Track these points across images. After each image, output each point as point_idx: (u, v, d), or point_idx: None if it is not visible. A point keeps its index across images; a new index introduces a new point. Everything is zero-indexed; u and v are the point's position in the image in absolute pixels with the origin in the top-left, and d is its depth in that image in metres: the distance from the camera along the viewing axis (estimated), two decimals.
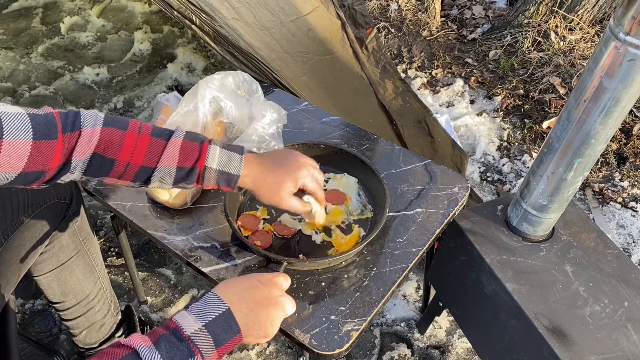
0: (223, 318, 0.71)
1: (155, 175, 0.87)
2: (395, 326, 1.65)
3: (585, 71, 0.91)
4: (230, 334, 0.71)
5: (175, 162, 0.87)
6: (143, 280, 1.75)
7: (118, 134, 0.84)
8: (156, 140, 0.86)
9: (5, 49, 2.83)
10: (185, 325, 0.68)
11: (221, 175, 0.89)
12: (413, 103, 2.02)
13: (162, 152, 0.86)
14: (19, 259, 1.07)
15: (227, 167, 0.89)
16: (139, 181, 0.88)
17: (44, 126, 0.77)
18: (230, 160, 0.90)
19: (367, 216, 1.16)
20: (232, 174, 0.90)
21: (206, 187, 0.92)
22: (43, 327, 1.62)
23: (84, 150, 0.81)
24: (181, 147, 0.87)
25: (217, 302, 0.72)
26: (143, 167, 0.86)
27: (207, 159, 0.88)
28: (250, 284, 0.79)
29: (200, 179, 0.89)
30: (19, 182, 0.77)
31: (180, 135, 0.88)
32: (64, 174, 0.82)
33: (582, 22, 2.69)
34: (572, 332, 1.01)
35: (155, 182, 0.88)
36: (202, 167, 0.88)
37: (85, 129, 0.81)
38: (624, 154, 2.22)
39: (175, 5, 1.45)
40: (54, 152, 0.78)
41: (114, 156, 0.83)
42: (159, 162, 0.86)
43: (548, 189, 1.07)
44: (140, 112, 2.46)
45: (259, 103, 1.21)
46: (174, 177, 0.88)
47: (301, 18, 1.78)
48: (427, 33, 2.87)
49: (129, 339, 0.66)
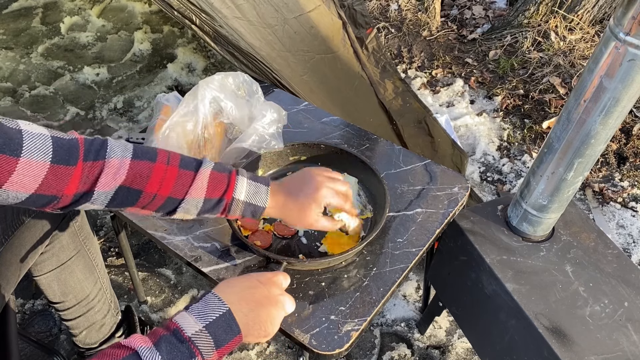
0: (224, 319, 0.71)
1: (181, 206, 0.85)
2: (395, 326, 1.65)
3: (585, 71, 0.91)
4: (230, 334, 0.71)
5: (204, 194, 0.85)
6: (143, 280, 1.75)
7: (146, 166, 0.81)
8: (184, 171, 0.85)
9: (5, 49, 2.83)
10: (186, 327, 0.68)
11: (248, 207, 0.88)
12: (413, 103, 2.02)
13: (191, 184, 0.84)
14: (19, 259, 1.07)
15: (254, 200, 0.89)
16: (163, 211, 0.86)
17: (66, 151, 0.74)
18: (258, 192, 0.89)
19: (367, 216, 1.16)
20: (259, 206, 0.89)
21: (230, 217, 0.91)
22: (43, 327, 1.62)
23: (109, 183, 0.79)
24: (209, 178, 0.85)
25: (218, 303, 0.72)
26: (170, 198, 0.84)
27: (235, 190, 0.87)
28: (250, 283, 0.79)
29: (226, 210, 0.88)
30: (30, 203, 0.75)
31: (209, 166, 0.87)
32: (84, 202, 0.79)
33: (582, 22, 2.69)
34: (572, 332, 1.01)
35: (180, 213, 0.87)
36: (229, 199, 0.87)
37: (110, 161, 0.78)
38: (624, 154, 2.22)
39: (175, 5, 1.45)
40: (70, 179, 0.75)
41: (141, 188, 0.81)
42: (187, 193, 0.84)
43: (548, 189, 1.07)
44: (140, 112, 2.46)
45: (259, 103, 1.21)
46: (199, 209, 0.86)
47: (304, 15, 1.77)
48: (427, 33, 2.87)
49: (130, 340, 0.66)
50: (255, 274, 0.82)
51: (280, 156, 1.23)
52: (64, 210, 0.81)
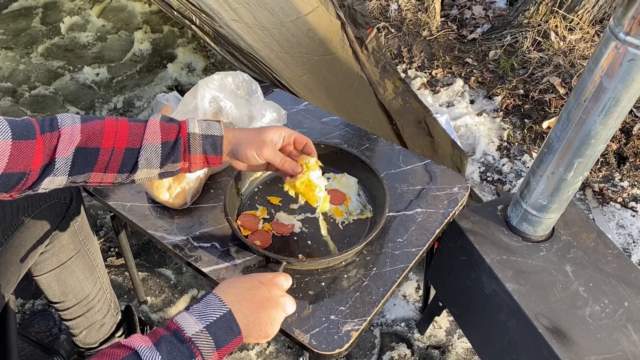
0: (224, 320, 0.71)
1: (142, 156, 0.87)
2: (395, 326, 1.65)
3: (585, 71, 0.91)
4: (231, 335, 0.71)
5: (159, 137, 0.87)
6: (143, 280, 1.75)
7: (98, 125, 0.85)
8: (135, 124, 0.88)
9: (5, 49, 2.83)
10: (187, 327, 0.68)
11: (206, 140, 0.90)
12: (413, 103, 2.02)
13: (145, 132, 0.87)
14: (19, 259, 1.07)
15: (209, 131, 0.91)
16: (126, 171, 0.88)
17: (22, 128, 0.78)
18: (210, 126, 0.92)
19: (367, 216, 1.16)
20: (216, 135, 0.91)
21: (194, 164, 0.91)
22: (43, 327, 1.62)
23: (66, 147, 0.82)
24: (160, 125, 0.88)
25: (219, 304, 0.72)
26: (128, 149, 0.86)
27: (188, 127, 0.90)
28: (250, 284, 0.79)
29: (186, 150, 0.90)
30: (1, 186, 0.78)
31: (157, 117, 0.90)
32: (47, 176, 0.82)
33: (582, 22, 2.69)
34: (572, 332, 1.01)
35: (142, 168, 0.88)
36: (185, 135, 0.89)
37: (64, 128, 0.83)
38: (624, 154, 2.22)
39: (175, 5, 1.45)
40: (34, 152, 0.78)
41: (97, 145, 0.84)
42: (144, 140, 0.87)
43: (548, 189, 1.07)
44: (140, 112, 2.46)
45: (258, 103, 1.21)
46: (160, 155, 0.88)
47: (301, 18, 1.78)
48: (427, 33, 2.87)
49: (130, 340, 0.66)
50: (257, 274, 0.82)
51: None
52: (31, 189, 0.82)
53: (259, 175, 1.23)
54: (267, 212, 1.16)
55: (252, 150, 0.93)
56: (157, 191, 1.12)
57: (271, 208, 1.17)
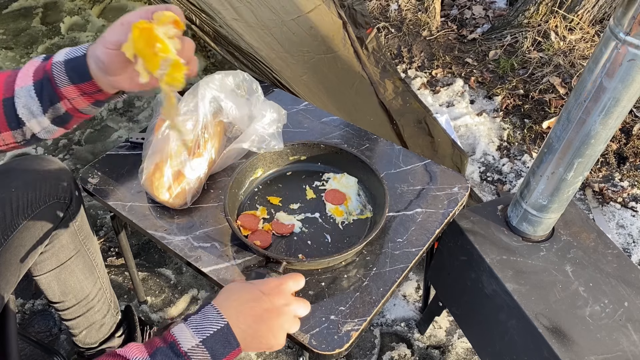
0: (221, 333, 0.70)
1: (18, 105, 0.80)
2: (395, 326, 1.65)
3: (585, 71, 0.91)
4: (228, 348, 0.70)
5: (31, 79, 0.81)
6: (143, 280, 1.75)
7: None
8: (12, 71, 0.82)
9: (5, 49, 2.83)
10: (183, 340, 0.68)
11: (69, 66, 0.80)
12: (413, 103, 2.02)
13: (16, 78, 0.81)
14: (18, 259, 1.07)
15: (73, 53, 0.81)
16: (15, 126, 0.82)
17: None
18: (78, 49, 0.82)
19: (367, 216, 1.16)
20: (79, 56, 0.81)
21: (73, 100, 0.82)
22: (43, 327, 1.62)
23: None
24: (35, 65, 0.82)
25: (216, 317, 0.71)
26: (5, 100, 0.80)
27: (54, 57, 0.82)
28: (250, 296, 0.76)
29: (55, 84, 0.80)
30: None
31: (39, 58, 0.83)
32: None
33: (582, 22, 2.69)
34: (572, 332, 1.01)
35: (28, 120, 0.81)
36: (50, 68, 0.80)
37: None
38: (624, 154, 2.22)
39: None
40: None
41: None
42: (15, 85, 0.81)
43: (548, 189, 1.07)
44: (140, 112, 2.46)
45: (258, 103, 1.21)
46: (37, 99, 0.80)
47: (303, 16, 1.78)
48: (427, 33, 2.87)
49: (125, 349, 0.66)
50: (259, 282, 0.79)
51: (280, 156, 1.23)
52: None
53: (259, 175, 1.23)
54: (267, 212, 1.16)
55: (97, 43, 0.78)
56: (157, 191, 1.12)
57: (271, 208, 1.17)
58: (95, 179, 1.24)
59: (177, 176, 1.12)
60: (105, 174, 1.25)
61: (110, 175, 1.24)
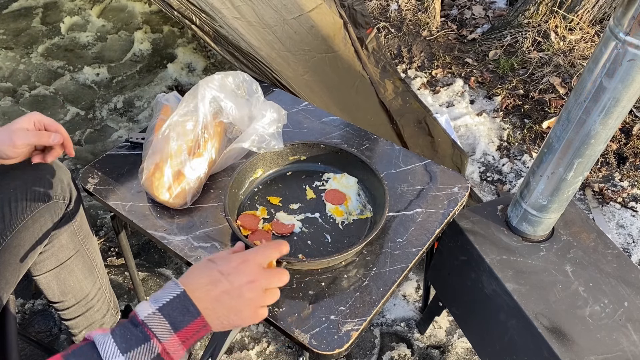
0: (178, 300, 0.68)
1: None
2: (395, 326, 1.65)
3: (585, 71, 0.91)
4: (188, 316, 0.68)
5: None
6: (143, 280, 1.75)
7: None
8: None
9: (5, 49, 2.83)
10: (140, 311, 0.67)
11: None
12: (413, 103, 2.02)
13: None
14: (18, 259, 1.07)
15: None
16: None
17: None
18: None
19: (367, 216, 1.16)
20: None
21: None
22: (43, 327, 1.62)
23: None
24: None
25: (173, 286, 0.70)
26: None
27: None
28: (208, 279, 0.72)
29: None
30: None
31: None
32: None
33: (582, 22, 2.69)
34: (572, 332, 1.01)
35: None
36: None
37: None
38: (624, 154, 2.22)
39: (175, 5, 1.44)
40: None
41: None
42: None
43: (548, 189, 1.07)
44: (140, 112, 2.46)
45: (258, 103, 1.21)
46: None
47: (304, 15, 1.77)
48: (427, 33, 2.87)
49: (90, 332, 0.67)
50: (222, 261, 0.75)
51: (280, 156, 1.23)
52: None
53: (259, 175, 1.23)
54: (267, 212, 1.16)
55: (6, 145, 0.97)
56: (157, 191, 1.12)
57: (271, 208, 1.17)
58: (95, 179, 1.24)
59: (177, 176, 1.12)
60: (105, 174, 1.25)
61: (110, 175, 1.24)
